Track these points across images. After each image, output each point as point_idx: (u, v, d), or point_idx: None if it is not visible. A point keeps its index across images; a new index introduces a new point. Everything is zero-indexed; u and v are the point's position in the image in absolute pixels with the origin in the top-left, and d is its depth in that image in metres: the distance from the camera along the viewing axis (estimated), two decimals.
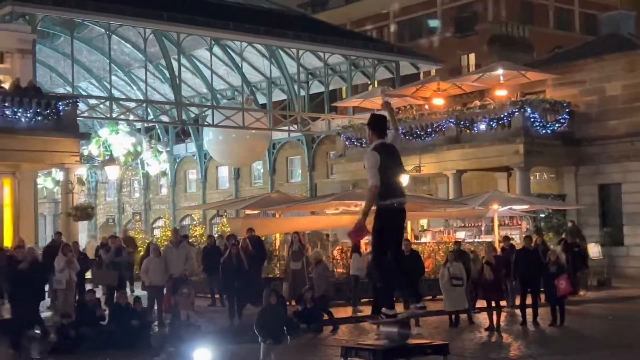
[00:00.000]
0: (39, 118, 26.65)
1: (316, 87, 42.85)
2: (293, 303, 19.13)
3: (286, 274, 21.31)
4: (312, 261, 19.71)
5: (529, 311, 18.16)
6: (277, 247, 25.24)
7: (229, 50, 40.48)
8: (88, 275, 21.28)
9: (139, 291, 20.85)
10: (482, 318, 18.19)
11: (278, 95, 44.63)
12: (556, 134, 31.16)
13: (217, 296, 21.98)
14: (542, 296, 18.68)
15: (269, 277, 22.34)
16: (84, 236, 38.15)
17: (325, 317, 18.07)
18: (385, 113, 8.66)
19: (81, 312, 16.21)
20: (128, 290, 21.07)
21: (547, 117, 31.00)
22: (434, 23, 47.08)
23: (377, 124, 8.37)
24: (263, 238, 23.49)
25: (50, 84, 43.59)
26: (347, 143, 36.25)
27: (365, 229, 7.89)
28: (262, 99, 45.11)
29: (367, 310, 19.33)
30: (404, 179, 10.29)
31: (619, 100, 31.01)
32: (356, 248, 21.14)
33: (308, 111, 40.62)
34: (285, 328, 12.00)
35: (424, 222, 33.63)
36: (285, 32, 37.15)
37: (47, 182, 38.29)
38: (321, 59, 40.01)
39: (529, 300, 18.32)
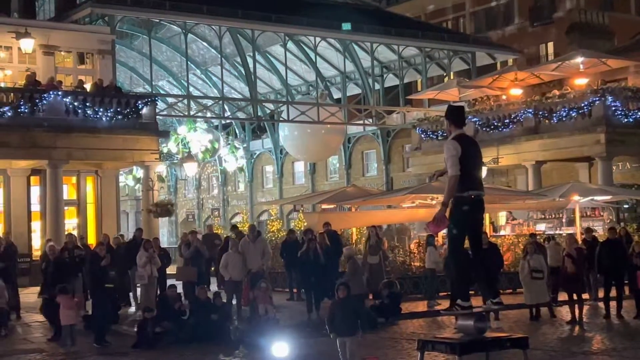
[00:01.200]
0: (120, 117, 27.30)
1: (391, 80, 42.65)
2: (371, 297, 19.13)
3: (363, 268, 21.26)
4: (344, 258, 19.56)
5: (612, 304, 17.71)
6: (354, 241, 25.22)
7: (303, 45, 40.63)
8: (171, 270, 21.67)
9: (214, 287, 21.17)
10: (564, 312, 17.82)
11: (352, 90, 44.60)
12: (639, 123, 30.27)
13: (295, 290, 22.12)
14: (626, 288, 18.20)
15: (345, 271, 22.32)
16: (164, 232, 38.85)
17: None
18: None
19: (162, 306, 16.51)
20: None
21: (629, 105, 30.12)
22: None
23: (455, 114, 8.28)
24: (340, 232, 23.51)
25: (130, 84, 44.58)
26: (422, 136, 35.97)
27: (446, 219, 7.81)
28: (336, 94, 45.15)
29: (444, 304, 19.16)
30: (483, 172, 10.16)
31: None
32: (431, 241, 20.97)
33: (383, 104, 40.48)
34: (359, 321, 11.96)
35: (502, 214, 33.16)
36: (359, 26, 37.11)
37: (128, 179, 39.19)
38: (395, 52, 39.80)
39: (613, 293, 17.87)
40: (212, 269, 22.68)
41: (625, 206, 29.75)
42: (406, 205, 25.86)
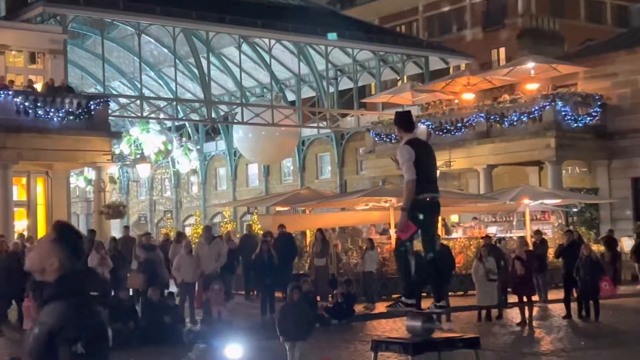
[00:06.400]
0: (71, 117, 26.96)
1: (345, 84, 42.83)
2: (318, 299, 19.22)
3: (310, 270, 21.40)
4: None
5: (573, 305, 18.04)
6: (308, 243, 25.28)
7: (257, 48, 40.57)
8: None
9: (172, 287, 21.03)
10: (514, 313, 18.09)
11: (307, 92, 44.67)
12: (588, 127, 30.84)
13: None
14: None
15: (299, 274, 22.40)
16: (116, 234, 38.38)
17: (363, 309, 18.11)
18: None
19: (114, 309, 16.34)
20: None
21: (578, 111, 30.69)
22: None
23: (404, 120, 8.32)
24: (294, 234, 23.56)
25: (82, 84, 44.01)
26: (376, 139, 36.18)
27: (411, 223, 7.83)
28: (291, 96, 45.18)
29: (381, 307, 19.35)
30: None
31: None
32: (371, 244, 21.22)
33: (337, 108, 40.63)
34: (309, 325, 12.01)
35: (454, 217, 33.51)
36: (314, 29, 37.19)
37: (79, 181, 38.67)
38: (350, 55, 39.98)
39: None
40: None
41: (574, 210, 30.31)
42: (360, 207, 26.01)
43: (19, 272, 17.44)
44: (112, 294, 18.60)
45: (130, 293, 17.90)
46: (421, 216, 7.92)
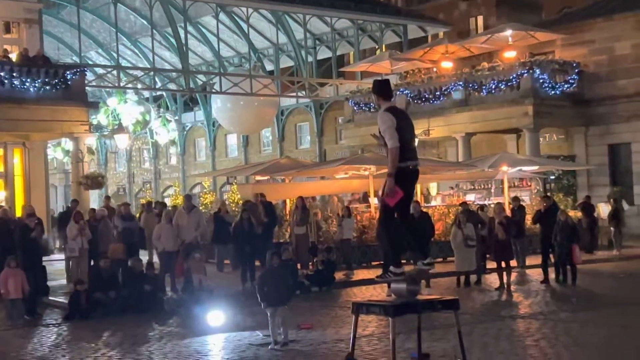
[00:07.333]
0: (48, 88, 26.70)
1: (324, 53, 42.68)
2: (299, 267, 19.33)
3: (291, 239, 21.50)
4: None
5: (550, 270, 18.26)
6: (288, 212, 25.34)
7: (235, 17, 40.30)
8: None
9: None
10: (493, 279, 18.28)
11: (285, 62, 44.50)
12: (565, 95, 31.03)
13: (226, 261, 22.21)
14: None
15: (279, 242, 22.48)
16: (95, 205, 38.24)
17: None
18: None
19: (95, 278, 16.36)
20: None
21: (556, 78, 30.84)
22: None
23: (382, 88, 8.34)
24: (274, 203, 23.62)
25: (58, 55, 43.52)
26: (355, 108, 36.18)
27: (398, 188, 7.88)
28: (269, 66, 44.98)
29: (361, 274, 19.51)
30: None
31: (629, 59, 30.84)
32: (348, 212, 21.33)
33: (316, 77, 40.51)
34: (289, 290, 12.10)
35: (433, 185, 33.69)
36: None
37: (57, 152, 38.39)
38: (328, 24, 39.81)
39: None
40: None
41: (552, 177, 30.56)
42: (339, 176, 26.07)
43: None
44: (92, 263, 18.64)
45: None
46: (404, 183, 7.99)
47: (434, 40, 38.42)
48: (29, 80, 26.30)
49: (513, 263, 18.90)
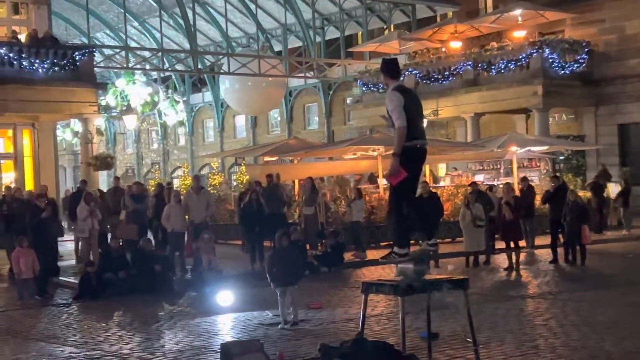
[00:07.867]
0: (56, 69, 26.73)
1: (332, 33, 42.52)
2: (308, 247, 19.33)
3: (300, 219, 21.48)
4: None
5: (559, 250, 18.22)
6: (296, 193, 25.34)
7: None
8: None
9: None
10: (501, 259, 18.28)
11: (294, 42, 44.37)
12: (575, 74, 30.86)
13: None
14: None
15: (289, 222, 22.47)
16: (104, 187, 38.38)
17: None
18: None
19: (105, 259, 16.45)
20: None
21: (565, 57, 30.66)
22: None
23: (391, 66, 8.29)
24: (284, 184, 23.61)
25: (67, 35, 43.53)
26: (363, 89, 36.08)
27: (402, 168, 7.86)
28: (277, 46, 44.87)
29: (370, 255, 19.50)
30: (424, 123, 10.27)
31: (639, 38, 30.62)
32: (359, 194, 21.27)
33: (324, 57, 40.40)
34: (299, 269, 12.13)
35: (442, 166, 33.62)
36: None
37: (66, 133, 38.45)
38: (336, 4, 39.64)
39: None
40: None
41: (561, 157, 30.45)
42: (348, 157, 26.04)
43: None
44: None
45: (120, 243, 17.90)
46: (411, 163, 7.97)
47: (443, 20, 38.19)
48: (37, 61, 26.32)
49: (522, 243, 18.88)
